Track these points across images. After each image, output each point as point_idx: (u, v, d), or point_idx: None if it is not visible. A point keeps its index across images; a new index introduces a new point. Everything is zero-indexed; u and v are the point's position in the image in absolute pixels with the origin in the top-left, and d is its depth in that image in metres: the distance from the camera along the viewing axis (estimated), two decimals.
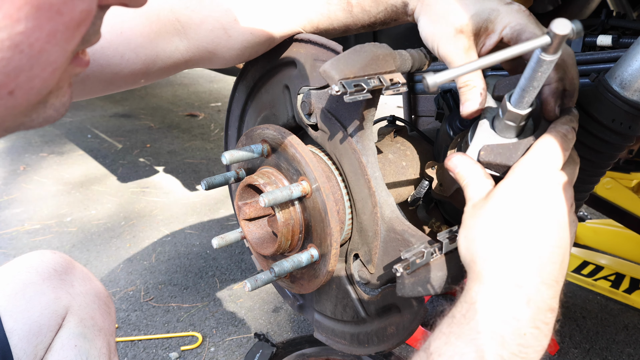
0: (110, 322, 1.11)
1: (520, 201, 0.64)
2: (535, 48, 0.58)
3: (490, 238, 0.64)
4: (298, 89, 0.95)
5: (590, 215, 2.81)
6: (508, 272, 0.61)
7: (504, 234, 0.63)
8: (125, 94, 5.83)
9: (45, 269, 1.04)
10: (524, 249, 0.62)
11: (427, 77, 0.55)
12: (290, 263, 0.89)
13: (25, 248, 2.75)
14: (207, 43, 0.89)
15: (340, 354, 1.83)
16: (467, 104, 0.77)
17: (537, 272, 0.61)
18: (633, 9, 1.38)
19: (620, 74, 0.77)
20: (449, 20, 0.77)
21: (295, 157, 0.88)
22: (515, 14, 0.75)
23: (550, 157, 0.65)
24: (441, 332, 0.63)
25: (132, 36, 0.81)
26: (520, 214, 0.63)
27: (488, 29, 0.77)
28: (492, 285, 0.61)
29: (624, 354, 1.99)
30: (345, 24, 0.92)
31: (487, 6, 0.76)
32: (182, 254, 2.72)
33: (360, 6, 0.88)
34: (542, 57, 0.58)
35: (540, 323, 0.59)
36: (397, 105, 5.12)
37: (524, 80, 0.63)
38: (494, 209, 0.65)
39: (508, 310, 0.59)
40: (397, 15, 0.88)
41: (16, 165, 3.85)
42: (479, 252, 0.64)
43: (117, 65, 0.82)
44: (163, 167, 3.85)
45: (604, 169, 0.87)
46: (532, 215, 0.63)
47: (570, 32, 0.55)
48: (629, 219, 1.92)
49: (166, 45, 0.85)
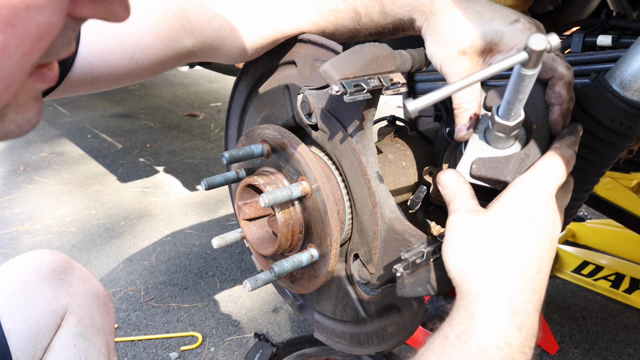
0: (109, 321, 1.11)
1: (517, 225, 0.64)
2: (514, 65, 0.59)
3: (487, 261, 0.64)
4: (298, 89, 0.95)
5: (590, 215, 2.81)
6: (506, 298, 0.62)
7: (501, 257, 0.64)
8: (125, 94, 5.83)
9: (44, 268, 1.03)
10: (521, 275, 0.62)
11: (407, 103, 0.56)
12: (290, 263, 0.89)
13: (25, 248, 2.75)
14: (213, 40, 0.88)
15: (340, 354, 1.83)
16: (457, 127, 0.78)
17: (530, 299, 0.62)
18: (633, 9, 1.37)
19: (620, 74, 0.77)
20: (452, 42, 0.78)
21: (295, 157, 0.88)
22: (520, 35, 0.75)
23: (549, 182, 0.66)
24: (433, 351, 0.63)
25: (141, 37, 0.81)
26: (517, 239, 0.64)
27: (493, 50, 0.78)
28: (489, 311, 0.62)
29: (624, 354, 1.99)
30: (351, 31, 0.92)
31: (492, 28, 0.77)
32: (182, 254, 2.72)
33: (369, 17, 0.88)
34: (522, 72, 0.60)
35: (527, 349, 0.61)
36: (397, 105, 5.12)
37: (509, 94, 0.64)
38: (489, 229, 0.65)
39: (503, 337, 0.60)
40: (404, 28, 0.88)
41: (16, 165, 3.85)
42: (474, 273, 0.65)
43: (126, 67, 0.81)
44: (163, 167, 3.85)
45: (604, 169, 0.87)
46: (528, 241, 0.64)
47: (546, 47, 0.56)
48: (629, 219, 1.92)
49: (175, 44, 0.85)
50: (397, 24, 0.87)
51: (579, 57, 1.03)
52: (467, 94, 0.77)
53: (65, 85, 0.77)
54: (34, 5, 0.35)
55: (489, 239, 0.65)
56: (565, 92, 0.72)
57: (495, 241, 0.64)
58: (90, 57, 0.77)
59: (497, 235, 0.64)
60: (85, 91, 0.84)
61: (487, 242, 0.65)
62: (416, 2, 0.82)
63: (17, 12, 0.34)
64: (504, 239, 0.64)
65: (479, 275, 0.64)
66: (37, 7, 0.35)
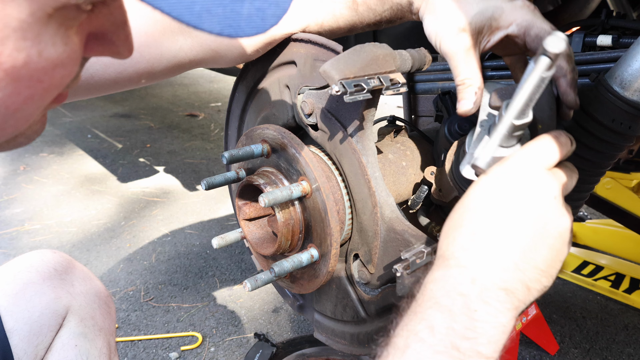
0: (111, 321, 1.11)
1: (482, 190, 0.64)
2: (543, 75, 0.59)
3: (450, 226, 0.65)
4: (298, 89, 0.95)
5: (590, 215, 2.81)
6: (453, 255, 0.63)
7: (462, 219, 0.64)
8: (125, 94, 5.83)
9: (46, 268, 1.03)
10: (473, 233, 0.63)
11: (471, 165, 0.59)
12: (290, 263, 0.89)
13: (25, 248, 2.75)
14: (211, 41, 0.88)
15: (340, 354, 1.83)
16: (462, 102, 0.79)
17: (484, 256, 0.61)
18: (633, 9, 1.38)
19: (620, 74, 0.77)
20: (451, 19, 0.78)
21: (295, 157, 0.88)
22: (520, 10, 0.77)
23: (537, 155, 0.65)
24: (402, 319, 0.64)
25: (136, 35, 0.80)
26: (478, 201, 0.64)
27: (492, 26, 0.78)
28: (440, 268, 0.63)
29: (624, 354, 1.99)
30: (350, 22, 0.92)
31: (491, 4, 0.78)
32: (182, 254, 2.72)
33: (366, 4, 0.88)
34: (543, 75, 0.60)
35: (491, 300, 0.60)
36: (397, 105, 5.12)
37: (522, 94, 0.63)
38: (463, 200, 0.66)
39: (453, 287, 0.61)
40: (403, 14, 0.89)
41: (16, 165, 3.85)
42: (440, 245, 0.66)
43: (121, 65, 0.82)
44: (163, 167, 3.85)
45: (604, 169, 0.87)
46: (489, 201, 0.63)
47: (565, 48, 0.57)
48: (629, 219, 1.92)
49: (171, 44, 0.85)
50: (395, 9, 0.87)
51: (579, 57, 1.03)
52: (471, 70, 0.78)
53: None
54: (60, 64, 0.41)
55: (458, 208, 0.66)
56: (565, 64, 0.74)
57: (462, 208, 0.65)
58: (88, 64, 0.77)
59: (465, 203, 0.65)
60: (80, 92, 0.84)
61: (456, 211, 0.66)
62: None
63: (46, 71, 0.40)
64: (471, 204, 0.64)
65: (441, 242, 0.66)
66: (62, 65, 0.41)
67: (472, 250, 0.62)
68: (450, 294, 0.61)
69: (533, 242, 0.62)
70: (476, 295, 0.60)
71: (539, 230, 0.62)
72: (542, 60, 0.58)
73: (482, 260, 0.61)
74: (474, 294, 0.60)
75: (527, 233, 0.62)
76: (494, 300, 0.60)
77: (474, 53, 0.79)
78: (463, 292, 0.60)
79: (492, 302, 0.60)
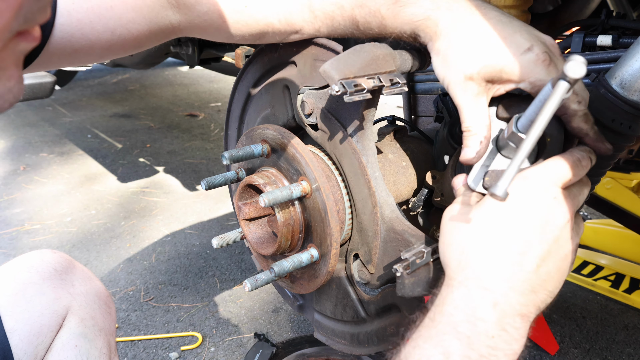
0: (111, 322, 1.11)
1: (500, 208, 0.64)
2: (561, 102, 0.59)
3: (463, 243, 0.65)
4: (298, 89, 0.95)
5: (590, 215, 2.81)
6: (476, 275, 0.62)
7: (477, 239, 0.64)
8: (125, 94, 5.83)
9: (46, 268, 1.03)
10: (496, 254, 0.62)
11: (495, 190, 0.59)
12: (290, 263, 0.89)
13: (25, 248, 2.75)
14: (201, 21, 0.87)
15: (340, 354, 1.83)
16: (465, 150, 0.75)
17: (507, 278, 0.62)
18: (633, 9, 1.37)
19: (621, 74, 0.77)
20: (459, 67, 0.74)
21: (295, 157, 0.88)
22: (534, 67, 0.72)
23: (551, 174, 0.65)
24: (411, 338, 0.64)
25: (123, 11, 0.79)
26: (497, 220, 0.64)
27: (502, 78, 0.74)
28: (459, 288, 0.62)
29: (624, 354, 1.99)
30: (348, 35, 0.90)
31: (501, 57, 0.73)
32: (182, 254, 2.72)
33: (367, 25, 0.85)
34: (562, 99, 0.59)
35: (508, 327, 0.60)
36: (397, 105, 5.12)
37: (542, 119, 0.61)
38: (473, 217, 0.65)
39: (473, 312, 0.60)
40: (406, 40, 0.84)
41: (16, 165, 3.85)
42: (451, 257, 0.65)
43: (108, 41, 0.80)
44: (163, 167, 3.85)
45: (604, 169, 0.87)
46: (510, 222, 0.63)
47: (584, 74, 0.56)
48: (629, 219, 1.92)
49: (159, 19, 0.84)
50: (398, 36, 0.84)
51: None
52: (477, 119, 0.74)
53: (45, 56, 0.77)
54: None
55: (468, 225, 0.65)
56: (584, 124, 0.72)
57: (474, 226, 0.65)
58: (69, 28, 0.76)
59: (477, 222, 0.65)
60: (68, 63, 0.83)
61: (465, 228, 0.65)
62: (419, 22, 0.78)
63: None
64: (486, 222, 0.64)
65: (453, 258, 0.65)
66: None
67: (496, 273, 0.61)
68: (470, 318, 0.60)
69: (548, 266, 0.64)
70: (495, 321, 0.60)
71: (554, 255, 0.64)
72: (562, 85, 0.58)
73: (505, 284, 0.61)
74: (493, 320, 0.60)
75: (544, 257, 0.63)
76: (511, 327, 0.61)
77: (482, 101, 0.75)
78: (484, 317, 0.60)
79: (509, 328, 0.60)
